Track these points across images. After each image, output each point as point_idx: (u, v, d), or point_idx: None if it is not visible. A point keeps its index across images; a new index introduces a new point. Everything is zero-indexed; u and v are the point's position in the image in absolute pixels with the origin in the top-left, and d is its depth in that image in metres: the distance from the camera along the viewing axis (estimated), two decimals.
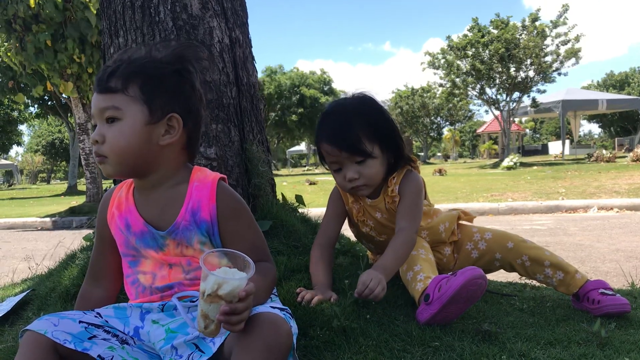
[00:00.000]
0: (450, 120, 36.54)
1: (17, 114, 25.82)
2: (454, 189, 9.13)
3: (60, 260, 2.23)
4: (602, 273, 3.01)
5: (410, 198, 1.66)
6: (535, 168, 13.76)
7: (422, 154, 36.12)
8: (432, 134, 37.07)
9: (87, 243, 2.21)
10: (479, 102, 19.92)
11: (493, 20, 17.60)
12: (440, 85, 20.13)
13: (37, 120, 28.46)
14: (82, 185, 17.65)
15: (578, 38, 16.74)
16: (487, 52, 17.19)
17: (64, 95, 10.90)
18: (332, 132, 1.62)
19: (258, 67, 2.24)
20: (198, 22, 1.94)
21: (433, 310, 1.41)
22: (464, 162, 30.79)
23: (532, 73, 17.58)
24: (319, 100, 30.38)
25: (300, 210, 2.22)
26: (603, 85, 42.75)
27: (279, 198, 2.20)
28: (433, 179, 12.00)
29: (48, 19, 8.49)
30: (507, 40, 16.78)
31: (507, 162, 15.20)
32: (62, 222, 8.17)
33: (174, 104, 1.13)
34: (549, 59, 17.22)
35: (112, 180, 1.71)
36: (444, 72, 18.74)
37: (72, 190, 16.73)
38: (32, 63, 8.83)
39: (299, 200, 2.28)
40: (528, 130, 46.13)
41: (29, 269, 3.02)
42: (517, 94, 18.33)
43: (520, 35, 16.97)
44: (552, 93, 22.04)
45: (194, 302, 1.11)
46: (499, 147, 26.21)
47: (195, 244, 1.14)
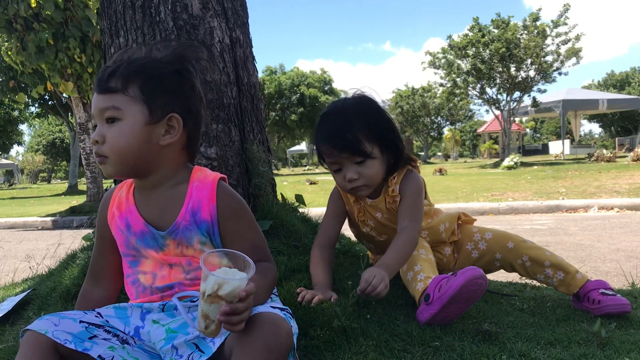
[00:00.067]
0: (451, 120, 36.54)
1: (17, 114, 25.83)
2: (455, 189, 9.13)
3: (61, 260, 2.23)
4: (602, 273, 3.01)
5: (411, 198, 1.66)
6: (536, 168, 13.76)
7: (422, 154, 36.11)
8: (432, 134, 37.07)
9: (87, 243, 2.21)
10: (480, 101, 19.93)
11: (494, 20, 17.60)
12: (441, 85, 20.13)
13: (37, 120, 28.51)
14: (82, 185, 17.67)
15: (579, 37, 16.74)
16: (487, 51, 17.19)
17: (65, 95, 10.91)
18: (331, 132, 1.62)
19: (258, 67, 2.25)
20: (198, 22, 1.94)
21: (433, 310, 1.41)
22: (465, 161, 30.78)
23: (532, 73, 17.59)
24: (319, 100, 30.35)
25: (301, 210, 2.22)
26: (603, 85, 42.76)
27: (279, 198, 2.20)
28: (433, 179, 12.00)
29: (49, 19, 8.50)
30: (507, 40, 16.78)
31: (507, 161, 15.19)
32: (62, 221, 8.17)
33: (174, 104, 1.13)
34: (550, 59, 17.23)
35: (112, 180, 1.71)
36: (445, 71, 18.74)
37: (72, 190, 16.75)
38: (32, 63, 8.84)
39: (299, 200, 2.28)
40: (528, 130, 46.09)
41: (30, 269, 3.02)
42: (517, 94, 18.33)
43: (521, 35, 16.96)
44: (552, 93, 22.05)
45: (195, 302, 1.11)
46: (500, 146, 26.22)
47: (196, 244, 1.14)
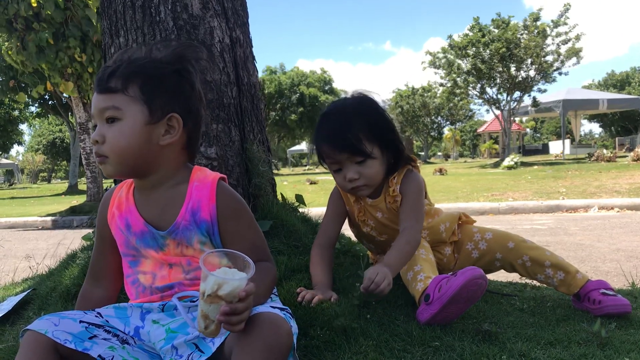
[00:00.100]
0: (451, 120, 36.52)
1: (18, 113, 25.84)
2: (455, 189, 9.13)
3: (61, 260, 2.23)
4: (602, 273, 3.00)
5: (413, 197, 1.66)
6: (536, 167, 13.76)
7: (422, 154, 36.11)
8: (432, 134, 37.06)
9: (87, 243, 2.21)
10: (480, 101, 19.93)
11: (494, 20, 17.60)
12: (441, 85, 20.12)
13: (37, 120, 28.49)
14: (82, 185, 17.67)
15: (579, 37, 16.73)
16: (487, 51, 17.18)
17: (65, 95, 10.91)
18: (331, 132, 1.62)
19: (258, 66, 2.25)
20: (199, 22, 1.94)
21: (433, 310, 1.41)
22: (465, 161, 30.78)
23: (532, 72, 17.58)
24: (319, 99, 30.30)
25: (301, 210, 2.22)
26: (604, 85, 42.75)
27: (280, 198, 2.20)
28: (434, 179, 12.00)
29: (49, 18, 8.50)
30: (508, 40, 16.78)
31: (507, 161, 15.19)
32: (62, 221, 8.18)
33: (174, 104, 1.13)
34: (550, 59, 17.22)
35: (112, 180, 1.71)
36: (445, 71, 18.74)
37: (72, 190, 16.75)
38: (33, 62, 8.84)
39: (300, 200, 2.28)
40: (529, 130, 46.07)
41: (30, 269, 3.02)
42: (517, 94, 18.33)
43: (521, 35, 16.96)
44: (552, 92, 22.01)
45: (194, 302, 1.11)
46: (500, 146, 26.22)
47: (195, 244, 1.14)
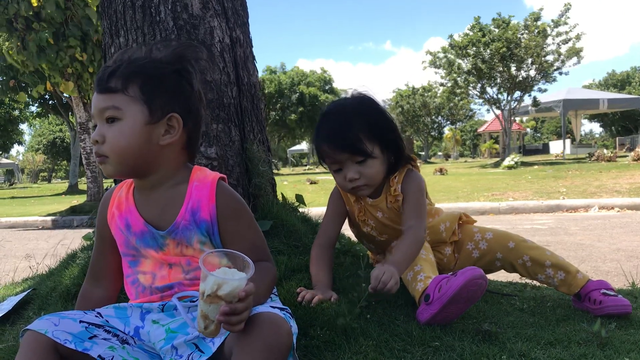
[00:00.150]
0: (451, 120, 36.51)
1: (18, 113, 25.85)
2: (455, 189, 9.13)
3: (61, 260, 2.23)
4: (602, 272, 3.00)
5: (415, 197, 1.66)
6: (536, 167, 13.75)
7: (423, 153, 36.09)
8: (433, 133, 37.04)
9: (87, 242, 2.21)
10: (480, 101, 19.92)
11: (494, 19, 17.59)
12: (441, 85, 20.11)
13: (38, 120, 28.50)
14: (83, 185, 17.67)
15: (579, 37, 16.72)
16: (488, 51, 17.18)
17: (65, 95, 10.92)
18: (332, 132, 1.62)
19: (258, 66, 2.25)
20: (199, 21, 1.94)
21: (433, 310, 1.41)
22: (465, 161, 30.78)
23: (533, 72, 17.57)
24: (319, 98, 30.26)
25: (301, 210, 2.22)
26: (604, 85, 42.73)
27: (280, 197, 2.20)
28: (434, 179, 12.00)
29: (49, 18, 8.49)
30: (508, 40, 16.77)
31: (508, 161, 15.19)
32: (63, 221, 8.18)
33: (174, 104, 1.13)
34: (550, 58, 17.21)
35: (112, 180, 1.71)
36: (445, 71, 18.73)
37: (73, 190, 16.76)
38: (34, 62, 8.84)
39: (300, 200, 2.28)
40: (529, 130, 46.03)
41: (30, 268, 3.02)
42: (518, 93, 18.32)
43: (522, 35, 16.95)
44: (553, 92, 21.98)
45: (194, 302, 1.11)
46: (500, 146, 26.22)
47: (195, 244, 1.15)
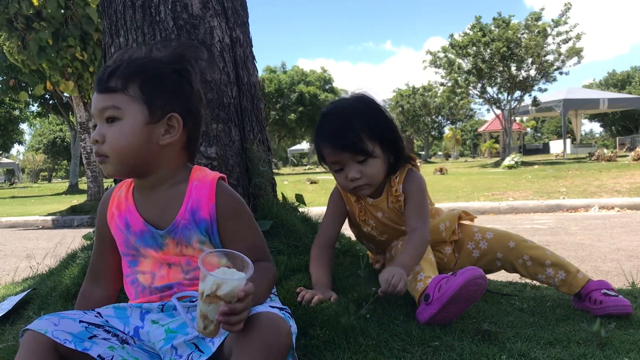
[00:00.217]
0: (452, 119, 36.52)
1: (18, 113, 25.84)
2: (455, 188, 9.13)
3: (61, 260, 2.23)
4: (602, 272, 3.00)
5: (417, 197, 1.66)
6: (537, 167, 13.75)
7: (423, 153, 36.08)
8: (433, 133, 37.05)
9: (87, 242, 2.21)
10: (480, 101, 19.90)
11: (495, 19, 17.58)
12: (442, 84, 20.11)
13: (38, 119, 28.48)
14: (83, 184, 17.67)
15: (579, 37, 16.71)
16: (488, 50, 17.17)
17: (66, 94, 10.92)
18: (332, 132, 1.62)
19: (258, 66, 2.25)
20: (199, 21, 1.94)
21: (433, 310, 1.41)
22: (465, 161, 30.77)
23: (533, 72, 17.56)
24: (319, 98, 30.24)
25: (301, 210, 2.22)
26: (604, 84, 42.71)
27: (280, 197, 2.20)
28: (434, 178, 12.00)
29: (49, 17, 8.49)
30: (508, 39, 16.76)
31: (508, 161, 15.18)
32: (63, 220, 8.18)
33: (174, 104, 1.13)
34: (551, 58, 17.20)
35: (112, 179, 1.71)
36: (446, 71, 18.72)
37: (73, 189, 16.76)
38: (34, 62, 8.84)
39: (300, 200, 2.28)
40: (529, 129, 46.02)
41: (30, 268, 3.02)
42: (518, 93, 18.31)
43: (522, 34, 16.94)
44: (553, 92, 21.95)
45: (194, 302, 1.11)
46: (500, 146, 26.22)
47: (195, 243, 1.15)
